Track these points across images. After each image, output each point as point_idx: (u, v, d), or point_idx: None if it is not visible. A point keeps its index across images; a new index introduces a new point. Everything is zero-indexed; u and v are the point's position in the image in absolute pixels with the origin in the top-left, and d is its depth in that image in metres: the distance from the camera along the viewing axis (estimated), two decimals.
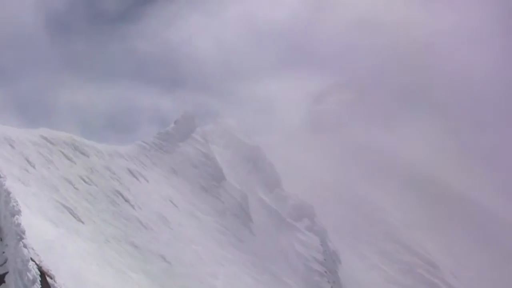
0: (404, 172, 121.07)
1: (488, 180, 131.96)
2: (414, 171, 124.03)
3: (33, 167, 37.07)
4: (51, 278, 16.87)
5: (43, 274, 16.01)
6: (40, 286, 14.65)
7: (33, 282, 14.49)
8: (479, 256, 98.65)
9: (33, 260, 15.28)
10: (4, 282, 14.52)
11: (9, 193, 16.24)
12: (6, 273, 14.52)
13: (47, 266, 17.62)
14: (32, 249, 16.41)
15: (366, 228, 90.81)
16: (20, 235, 15.15)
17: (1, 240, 15.24)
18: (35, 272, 14.93)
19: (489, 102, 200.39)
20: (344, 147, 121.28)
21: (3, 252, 14.97)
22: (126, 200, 47.13)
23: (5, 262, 14.77)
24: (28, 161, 37.20)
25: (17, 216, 15.62)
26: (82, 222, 35.40)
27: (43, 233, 25.18)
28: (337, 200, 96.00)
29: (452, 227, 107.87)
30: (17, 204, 16.09)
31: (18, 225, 15.37)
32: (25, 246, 15.34)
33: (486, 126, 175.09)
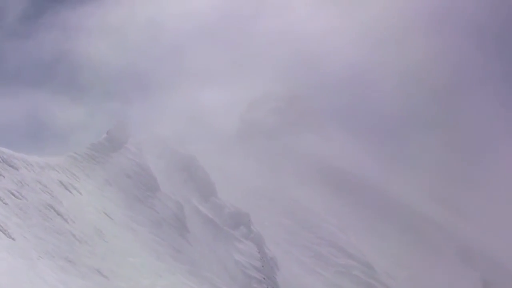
0: (336, 177, 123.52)
1: (416, 183, 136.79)
2: (346, 176, 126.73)
3: None
4: None
5: None
6: None
7: None
8: (412, 256, 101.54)
9: None
10: None
11: None
12: None
13: None
14: None
15: (301, 233, 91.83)
16: None
17: None
18: None
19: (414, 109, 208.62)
20: (277, 154, 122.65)
21: None
22: (59, 214, 45.60)
23: None
24: None
25: None
26: (13, 239, 33.99)
27: None
28: (271, 206, 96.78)
29: (386, 229, 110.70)
30: None
31: None
32: None
33: (411, 132, 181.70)
